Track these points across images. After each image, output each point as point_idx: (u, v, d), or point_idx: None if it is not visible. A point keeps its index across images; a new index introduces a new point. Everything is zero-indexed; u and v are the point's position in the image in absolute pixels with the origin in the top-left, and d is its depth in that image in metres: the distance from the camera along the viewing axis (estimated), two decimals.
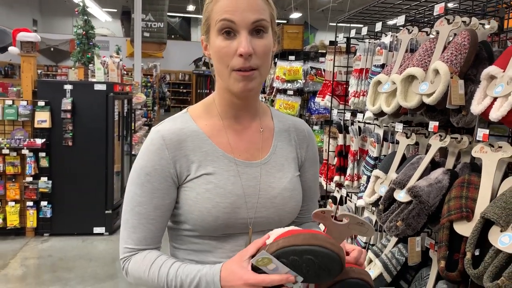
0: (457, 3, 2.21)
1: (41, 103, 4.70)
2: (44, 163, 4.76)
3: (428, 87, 1.79)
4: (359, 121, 2.81)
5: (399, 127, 2.18)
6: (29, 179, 4.71)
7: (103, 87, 4.85)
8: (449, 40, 1.88)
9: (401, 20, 2.25)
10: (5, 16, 14.03)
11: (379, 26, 2.55)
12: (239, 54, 1.03)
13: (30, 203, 4.77)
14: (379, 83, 2.16)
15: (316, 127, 4.75)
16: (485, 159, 1.62)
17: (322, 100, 3.27)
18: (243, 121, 1.17)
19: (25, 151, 4.63)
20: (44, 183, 4.76)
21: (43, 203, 4.81)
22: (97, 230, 4.99)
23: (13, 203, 4.73)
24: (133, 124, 6.81)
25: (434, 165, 1.97)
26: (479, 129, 1.63)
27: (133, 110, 6.52)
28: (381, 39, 2.61)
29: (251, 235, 1.11)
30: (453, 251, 1.62)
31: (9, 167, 4.66)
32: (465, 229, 1.54)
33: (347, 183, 2.85)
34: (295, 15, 16.56)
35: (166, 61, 16.91)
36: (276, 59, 4.92)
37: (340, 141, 2.99)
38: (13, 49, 5.06)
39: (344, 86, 3.05)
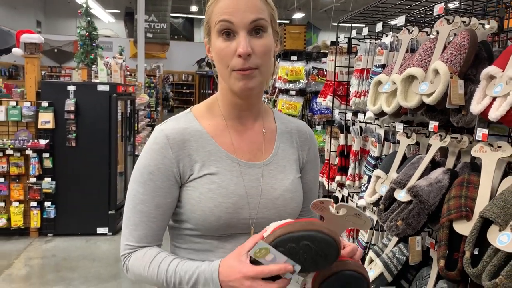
0: (457, 3, 2.21)
1: (45, 104, 4.73)
2: (48, 163, 4.79)
3: (428, 87, 1.79)
4: (360, 121, 2.82)
5: (399, 127, 2.19)
6: (33, 179, 4.74)
7: (106, 88, 4.88)
8: (449, 40, 1.88)
9: (402, 20, 2.25)
10: (9, 17, 14.09)
11: (379, 26, 2.55)
12: (238, 55, 1.04)
13: (34, 204, 4.80)
14: (379, 83, 2.16)
15: (319, 127, 4.76)
16: (484, 159, 1.62)
17: (324, 100, 3.27)
18: (246, 122, 1.18)
19: (29, 152, 4.65)
20: (48, 183, 4.79)
21: (47, 203, 4.84)
22: (100, 230, 5.01)
23: (17, 204, 4.76)
24: (136, 124, 6.83)
25: (435, 164, 1.98)
26: (478, 128, 1.63)
27: (136, 110, 6.54)
28: (382, 39, 2.61)
29: (252, 235, 1.12)
30: (452, 250, 1.63)
31: (13, 168, 4.69)
32: (465, 228, 1.54)
33: (348, 183, 2.86)
34: (298, 15, 16.55)
35: (169, 61, 16.92)
36: (278, 59, 4.92)
37: (342, 141, 3.00)
38: (16, 51, 5.09)
39: (346, 86, 3.05)
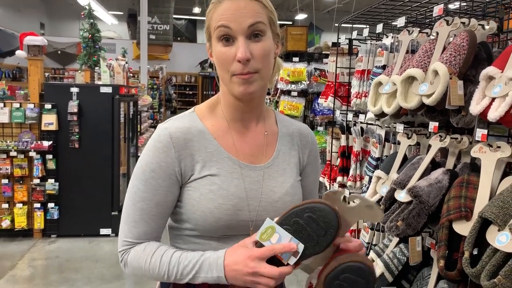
0: (457, 4, 2.22)
1: (48, 106, 4.75)
2: (51, 165, 4.81)
3: (428, 88, 1.79)
4: (361, 122, 2.82)
5: (400, 127, 2.19)
6: (37, 181, 4.76)
7: (108, 89, 4.90)
8: (449, 41, 1.89)
9: (401, 21, 2.26)
10: (13, 19, 14.15)
11: (380, 27, 2.56)
12: (238, 60, 1.05)
13: (38, 205, 4.82)
14: (380, 84, 2.17)
15: (321, 128, 4.76)
16: (484, 159, 1.63)
17: (325, 101, 3.28)
18: (248, 124, 1.19)
19: (32, 154, 4.68)
20: (51, 185, 4.81)
21: (50, 204, 4.86)
22: (103, 231, 5.03)
23: (20, 205, 4.79)
24: (139, 126, 6.85)
25: (435, 165, 1.98)
26: (477, 129, 1.63)
27: (139, 112, 6.57)
28: (382, 41, 2.62)
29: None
30: (452, 250, 1.63)
31: (16, 169, 4.71)
32: (464, 228, 1.54)
33: (349, 183, 2.87)
34: (301, 16, 16.55)
35: (172, 63, 16.96)
36: (282, 58, 4.92)
37: (343, 142, 3.01)
38: (20, 53, 5.12)
39: (347, 87, 3.06)
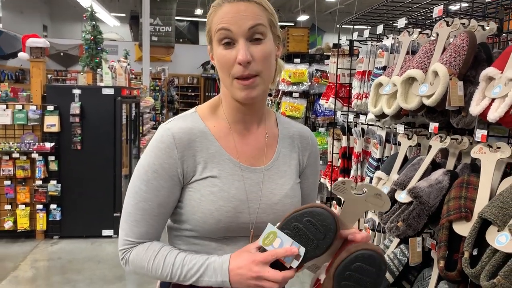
0: (458, 5, 2.22)
1: (50, 107, 4.77)
2: (54, 166, 4.83)
3: (428, 89, 1.80)
4: (362, 123, 2.82)
5: (400, 128, 2.19)
6: (39, 182, 4.78)
7: (110, 91, 4.91)
8: (449, 42, 1.89)
9: (402, 22, 2.26)
10: (15, 22, 14.20)
11: (380, 28, 2.56)
12: (238, 62, 1.06)
13: (40, 206, 4.84)
14: (380, 85, 2.17)
15: (322, 129, 4.75)
16: (483, 160, 1.63)
17: (326, 102, 3.28)
18: (249, 126, 1.19)
19: (34, 155, 4.69)
20: (54, 186, 4.83)
21: (53, 206, 4.88)
22: (105, 232, 5.04)
23: (23, 206, 4.81)
24: (141, 127, 6.87)
25: (435, 166, 1.98)
26: (477, 130, 1.64)
27: (141, 113, 6.58)
28: (383, 42, 2.62)
29: (252, 238, 1.13)
30: (453, 251, 1.63)
31: (19, 171, 4.73)
32: (464, 229, 1.54)
33: None
34: (303, 17, 16.56)
35: (174, 64, 16.97)
36: (284, 58, 4.92)
37: (344, 143, 3.01)
38: (22, 55, 5.14)
39: (348, 88, 3.06)
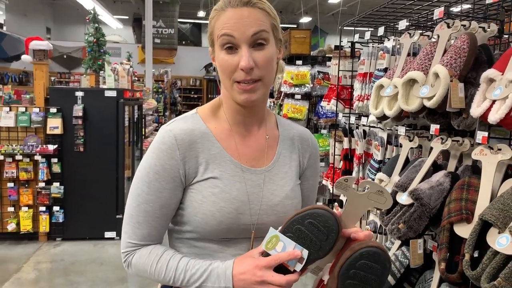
0: (460, 7, 2.22)
1: (53, 109, 4.78)
2: (56, 168, 4.84)
3: (429, 91, 1.80)
4: (363, 125, 2.82)
5: (402, 130, 2.19)
6: (42, 184, 4.79)
7: (113, 93, 4.92)
8: (450, 43, 1.89)
9: (403, 24, 2.26)
10: (19, 24, 14.26)
11: (381, 30, 2.56)
12: (241, 68, 1.06)
13: (43, 208, 4.85)
14: (381, 87, 2.18)
15: (324, 131, 4.75)
16: (484, 161, 1.63)
17: (328, 104, 3.29)
18: (250, 128, 1.20)
19: (37, 157, 4.71)
20: (56, 188, 4.83)
21: (56, 208, 4.88)
22: (108, 234, 5.05)
23: (26, 208, 4.82)
24: (144, 129, 6.88)
25: (436, 167, 1.98)
26: (478, 131, 1.64)
27: (143, 115, 6.60)
28: (384, 43, 2.62)
29: (253, 239, 1.14)
30: (453, 253, 1.63)
31: (22, 173, 4.74)
32: (465, 231, 1.54)
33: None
34: (305, 19, 16.56)
35: (177, 67, 17.00)
36: (286, 59, 4.90)
37: (346, 145, 3.01)
38: (25, 57, 5.16)
39: (349, 90, 3.06)
